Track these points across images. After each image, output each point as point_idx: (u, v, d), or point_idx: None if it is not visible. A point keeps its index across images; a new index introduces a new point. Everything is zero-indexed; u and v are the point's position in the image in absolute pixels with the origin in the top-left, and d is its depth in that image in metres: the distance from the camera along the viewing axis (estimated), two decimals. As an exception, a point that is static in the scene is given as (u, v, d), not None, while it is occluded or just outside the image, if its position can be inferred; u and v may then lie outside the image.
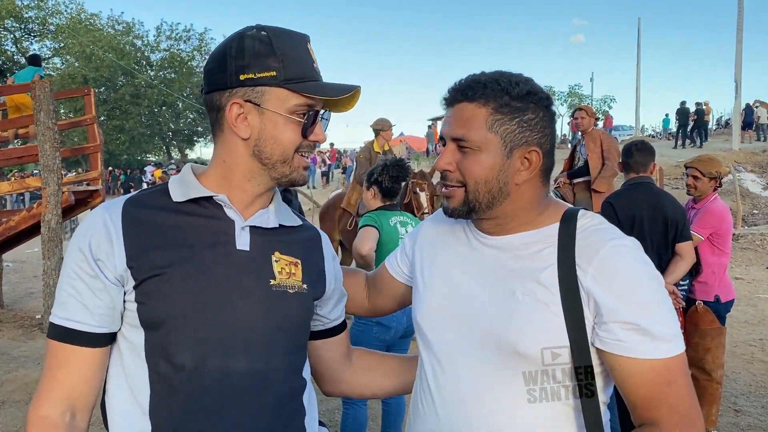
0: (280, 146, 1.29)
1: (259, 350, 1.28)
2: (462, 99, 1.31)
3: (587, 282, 1.21)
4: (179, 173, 1.39)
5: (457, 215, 1.34)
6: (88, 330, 1.23)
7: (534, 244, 1.32)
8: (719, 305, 4.24)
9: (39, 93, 7.18)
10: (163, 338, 1.23)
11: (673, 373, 1.19)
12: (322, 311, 1.51)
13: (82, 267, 1.24)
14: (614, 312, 1.19)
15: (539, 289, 1.25)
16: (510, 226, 1.35)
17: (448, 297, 1.39)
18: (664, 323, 1.19)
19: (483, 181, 1.29)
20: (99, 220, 1.26)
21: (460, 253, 1.43)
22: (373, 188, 3.71)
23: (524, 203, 1.34)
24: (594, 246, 1.24)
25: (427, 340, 1.42)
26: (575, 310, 1.22)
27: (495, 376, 1.28)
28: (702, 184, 4.36)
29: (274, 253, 1.35)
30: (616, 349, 1.20)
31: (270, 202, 1.41)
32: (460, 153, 1.31)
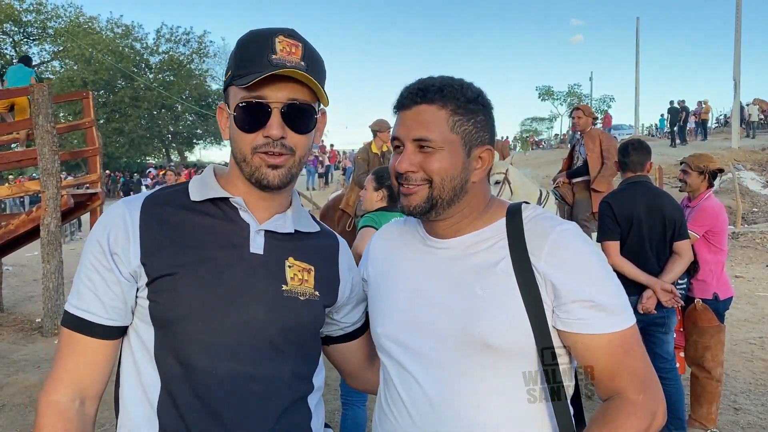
0: (237, 145, 1.30)
1: (266, 355, 1.28)
2: (421, 101, 1.33)
3: (541, 266, 1.28)
4: (201, 173, 1.41)
5: (418, 213, 1.35)
6: (99, 322, 1.25)
7: (485, 240, 1.37)
8: (718, 303, 4.23)
9: (37, 96, 7.18)
10: (172, 338, 1.24)
11: (630, 343, 1.28)
12: (337, 316, 1.52)
13: (98, 259, 1.26)
14: (571, 291, 1.26)
15: (497, 281, 1.30)
16: (461, 226, 1.39)
17: (409, 305, 1.40)
18: (616, 297, 1.29)
19: (449, 177, 1.33)
20: (119, 214, 1.29)
21: (415, 260, 1.45)
22: (382, 191, 3.67)
23: (477, 201, 1.40)
24: (542, 233, 1.31)
25: (391, 351, 1.41)
26: (533, 295, 1.27)
27: (470, 375, 1.30)
28: (692, 179, 4.37)
29: (288, 259, 1.35)
30: (576, 327, 1.26)
31: (288, 207, 1.42)
32: (421, 154, 1.32)
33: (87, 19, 42.42)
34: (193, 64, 46.42)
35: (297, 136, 1.29)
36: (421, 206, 1.34)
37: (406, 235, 1.52)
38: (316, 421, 1.41)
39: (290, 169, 1.31)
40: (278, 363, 1.30)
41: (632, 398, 1.23)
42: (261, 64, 1.23)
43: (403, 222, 1.58)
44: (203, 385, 1.23)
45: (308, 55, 1.28)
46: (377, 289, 1.51)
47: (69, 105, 32.94)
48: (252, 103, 1.25)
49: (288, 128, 1.27)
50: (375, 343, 1.49)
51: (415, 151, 1.33)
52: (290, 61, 1.24)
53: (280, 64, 1.23)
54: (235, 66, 1.28)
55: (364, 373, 1.63)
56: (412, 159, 1.33)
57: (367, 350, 1.61)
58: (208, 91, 47.39)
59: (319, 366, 1.45)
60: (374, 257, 1.57)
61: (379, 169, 3.84)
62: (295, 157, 1.31)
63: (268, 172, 1.28)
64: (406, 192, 1.35)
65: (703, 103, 29.14)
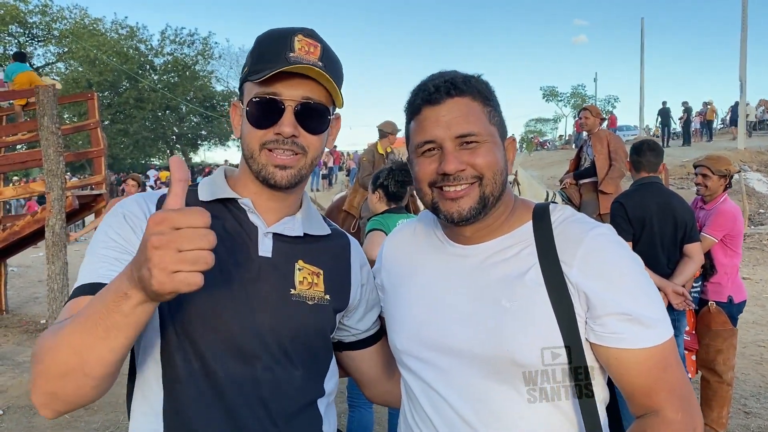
0: (245, 140, 1.28)
1: (274, 359, 1.25)
2: (455, 94, 1.24)
3: (574, 276, 1.19)
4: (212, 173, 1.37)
5: (471, 217, 1.24)
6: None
7: (511, 247, 1.28)
8: (732, 306, 4.21)
9: (42, 98, 7.17)
10: (178, 341, 1.21)
11: (667, 358, 1.18)
12: (348, 321, 1.47)
13: (118, 229, 1.21)
14: (607, 303, 1.17)
15: (525, 292, 1.21)
16: (490, 230, 1.31)
17: (430, 319, 1.32)
18: (654, 309, 1.19)
19: (499, 171, 1.25)
20: (135, 203, 1.27)
21: (435, 268, 1.37)
22: (378, 191, 3.69)
23: (508, 200, 1.32)
24: (574, 238, 1.22)
25: (413, 367, 1.34)
26: (565, 307, 1.19)
27: (503, 394, 1.23)
28: (712, 183, 4.31)
29: (297, 262, 1.32)
30: (612, 342, 1.18)
31: (298, 209, 1.38)
32: (465, 151, 1.23)
33: (92, 21, 42.42)
34: (198, 66, 46.42)
35: (310, 136, 1.26)
36: (475, 208, 1.24)
37: (421, 238, 1.44)
38: (327, 426, 1.37)
39: (300, 170, 1.27)
40: (287, 367, 1.26)
41: (671, 417, 1.15)
42: (278, 61, 1.20)
43: (415, 223, 1.50)
44: (210, 389, 1.20)
45: (326, 56, 1.26)
46: (394, 298, 1.43)
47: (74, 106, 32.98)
48: (265, 98, 1.23)
49: (301, 127, 1.24)
50: (395, 358, 1.43)
51: (456, 148, 1.23)
52: (307, 59, 1.22)
53: (296, 61, 1.20)
54: (252, 62, 1.26)
55: (382, 384, 1.57)
56: (458, 157, 1.23)
57: (383, 360, 1.56)
58: (212, 93, 47.40)
59: (331, 371, 1.40)
60: (389, 263, 1.49)
61: (375, 172, 3.87)
62: (306, 158, 1.27)
63: (276, 172, 1.25)
64: (454, 196, 1.24)
65: (708, 104, 29.06)
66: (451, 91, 1.24)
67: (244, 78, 1.29)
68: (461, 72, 1.31)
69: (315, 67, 1.20)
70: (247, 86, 1.28)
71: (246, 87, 1.28)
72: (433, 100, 1.25)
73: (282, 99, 1.22)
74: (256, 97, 1.23)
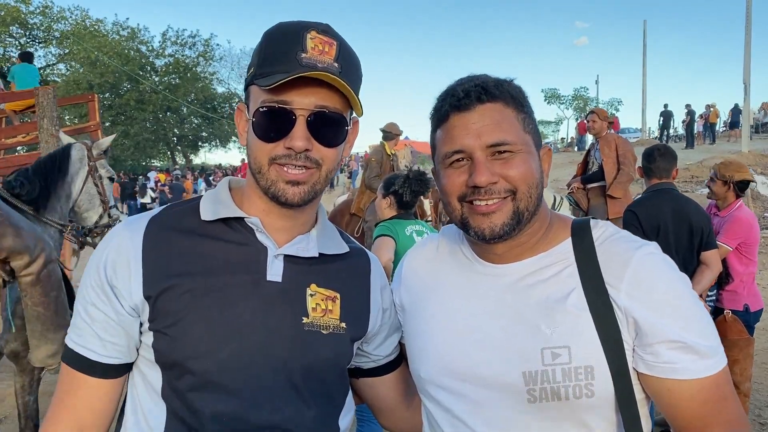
0: (253, 153, 1.15)
1: (286, 398, 1.13)
2: (486, 99, 1.14)
3: (622, 300, 1.10)
4: (215, 187, 1.26)
5: (505, 233, 1.14)
6: (99, 360, 1.13)
7: (550, 267, 1.18)
8: (748, 315, 4.12)
9: (42, 100, 7.09)
10: (180, 380, 1.10)
11: (722, 389, 1.09)
12: (368, 348, 1.35)
13: (96, 292, 1.13)
14: (659, 331, 1.07)
15: (567, 318, 1.11)
16: (525, 247, 1.20)
17: (459, 345, 1.20)
18: (709, 336, 1.09)
19: (534, 184, 1.15)
20: (119, 239, 1.15)
21: (463, 289, 1.25)
22: (390, 198, 3.60)
23: (543, 215, 1.22)
24: (621, 258, 1.12)
25: (440, 398, 1.23)
26: (612, 334, 1.09)
27: (538, 427, 1.13)
28: (716, 188, 4.26)
29: (309, 286, 1.19)
30: (665, 372, 1.08)
31: (312, 226, 1.26)
32: (498, 161, 1.13)
33: (93, 22, 42.43)
34: (199, 67, 46.39)
35: (324, 149, 1.13)
36: (508, 224, 1.13)
37: (446, 256, 1.33)
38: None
39: (314, 185, 1.15)
40: (299, 407, 1.14)
41: None
42: (288, 63, 1.07)
43: (438, 239, 1.39)
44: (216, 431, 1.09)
45: (343, 56, 1.12)
46: (417, 322, 1.31)
47: (75, 108, 32.91)
48: (275, 108, 1.09)
49: (314, 139, 1.11)
50: (417, 387, 1.31)
51: (489, 158, 1.13)
52: (322, 61, 1.08)
53: (310, 65, 1.07)
54: (259, 63, 1.12)
55: (400, 412, 1.45)
56: (490, 167, 1.12)
57: (403, 387, 1.43)
58: (213, 94, 47.38)
59: (347, 406, 1.28)
60: (410, 282, 1.37)
61: (388, 175, 3.81)
62: (321, 172, 1.14)
63: (287, 189, 1.12)
64: (485, 210, 1.13)
65: (711, 107, 29.02)
66: (482, 96, 1.14)
67: (250, 80, 1.15)
68: (492, 76, 1.20)
69: (330, 72, 1.07)
70: (253, 90, 1.14)
71: (252, 91, 1.15)
72: (462, 107, 1.15)
73: (293, 108, 1.09)
74: (264, 105, 1.10)
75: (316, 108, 1.10)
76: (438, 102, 1.21)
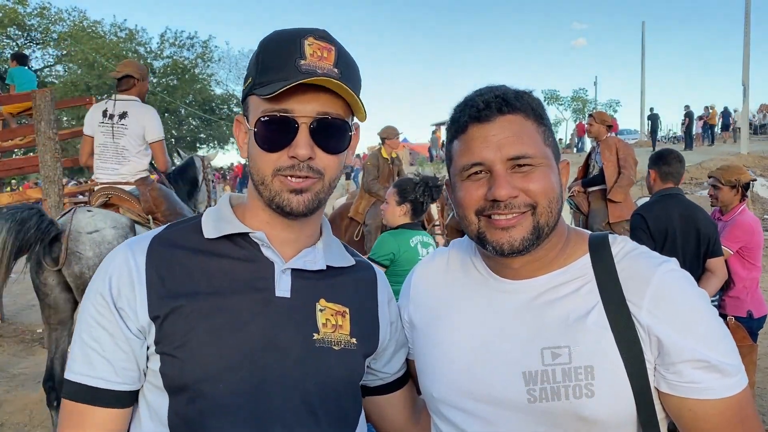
0: (256, 165, 1.12)
1: (299, 419, 1.09)
2: (507, 111, 1.11)
3: (644, 318, 1.07)
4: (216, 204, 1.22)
5: (524, 248, 1.11)
6: (110, 387, 1.07)
7: (568, 283, 1.15)
8: (752, 321, 4.09)
9: (39, 102, 7.04)
10: (188, 405, 1.05)
11: (745, 409, 1.08)
12: (376, 365, 1.32)
13: (102, 314, 1.08)
14: (682, 350, 1.04)
15: (588, 336, 1.08)
16: (541, 263, 1.17)
17: (473, 364, 1.17)
18: (732, 355, 1.08)
19: (555, 199, 1.12)
20: (122, 260, 1.11)
21: (477, 305, 1.21)
22: (406, 205, 3.52)
23: (561, 230, 1.19)
24: (642, 276, 1.09)
25: (453, 418, 1.19)
26: (634, 353, 1.06)
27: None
28: (723, 194, 4.22)
29: (319, 301, 1.16)
30: (688, 392, 1.06)
31: (318, 239, 1.23)
32: (518, 175, 1.10)
33: (91, 24, 42.35)
34: (197, 69, 46.36)
35: (327, 156, 1.10)
36: (528, 239, 1.10)
37: (457, 271, 1.29)
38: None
39: (317, 194, 1.12)
40: (312, 428, 1.10)
41: None
42: (288, 70, 1.04)
43: (449, 253, 1.34)
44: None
45: (342, 61, 1.09)
46: (429, 340, 1.26)
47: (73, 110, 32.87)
48: (276, 117, 1.06)
49: (317, 147, 1.08)
50: (429, 406, 1.27)
51: (509, 172, 1.10)
52: (322, 67, 1.06)
53: (310, 71, 1.04)
54: (257, 72, 1.09)
55: (409, 430, 1.40)
56: (510, 181, 1.09)
57: (410, 405, 1.40)
58: (212, 96, 47.32)
59: (360, 425, 1.24)
60: (419, 298, 1.33)
61: (401, 182, 3.69)
62: (323, 181, 1.12)
63: (291, 198, 1.09)
64: (504, 224, 1.10)
65: (710, 108, 29.07)
66: (502, 107, 1.11)
67: (249, 91, 1.12)
68: (512, 87, 1.17)
69: (331, 77, 1.04)
70: (252, 101, 1.11)
71: (251, 101, 1.12)
72: (482, 118, 1.12)
73: (295, 116, 1.06)
74: (265, 115, 1.07)
75: (318, 115, 1.08)
76: (456, 112, 1.18)
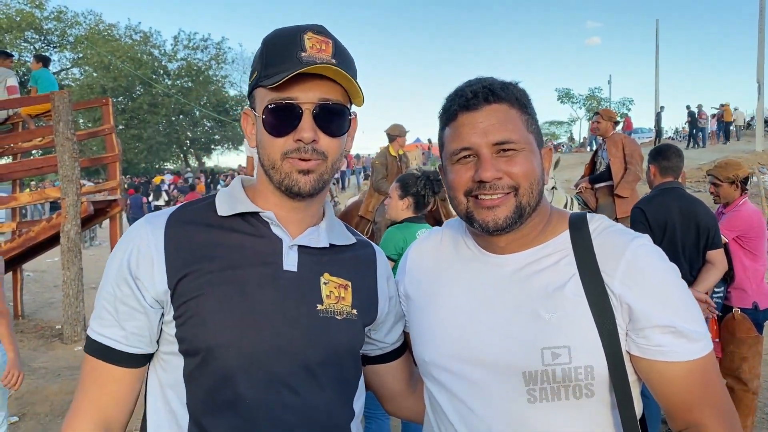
0: (265, 150, 1.22)
1: (303, 382, 1.20)
2: (493, 100, 1.21)
3: (617, 287, 1.17)
4: (229, 185, 1.33)
5: (507, 226, 1.21)
6: (121, 349, 1.19)
7: (549, 257, 1.25)
8: (757, 313, 4.12)
9: (58, 104, 7.21)
10: (201, 367, 1.16)
11: (709, 372, 1.16)
12: (376, 335, 1.42)
13: (119, 285, 1.19)
14: (650, 316, 1.14)
15: (565, 303, 1.18)
16: (525, 240, 1.27)
17: (462, 330, 1.27)
18: (697, 322, 1.16)
19: (535, 181, 1.22)
20: (141, 234, 1.21)
21: (467, 278, 1.32)
22: (409, 199, 3.59)
23: (544, 210, 1.29)
24: (616, 249, 1.20)
25: (442, 379, 1.29)
26: (607, 318, 1.16)
27: (539, 407, 1.19)
28: (723, 190, 4.28)
29: (323, 275, 1.27)
30: (655, 354, 1.15)
31: (321, 219, 1.34)
32: (502, 159, 1.20)
33: (106, 27, 42.86)
34: (211, 71, 46.73)
35: (329, 139, 1.21)
36: (511, 218, 1.20)
37: (450, 247, 1.40)
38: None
39: (322, 174, 1.22)
40: (315, 390, 1.21)
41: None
42: (290, 62, 1.15)
43: (442, 232, 1.46)
44: (236, 415, 1.15)
45: (338, 52, 1.20)
46: (421, 309, 1.37)
47: (88, 111, 33.29)
48: (281, 104, 1.17)
49: (320, 131, 1.19)
50: (421, 370, 1.38)
51: (494, 155, 1.20)
52: (320, 58, 1.16)
53: (310, 61, 1.14)
54: (262, 66, 1.20)
55: (404, 398, 1.52)
56: (495, 164, 1.20)
57: (407, 374, 1.51)
58: (225, 97, 47.74)
59: (360, 389, 1.35)
60: (414, 273, 1.44)
61: (403, 176, 3.75)
62: (327, 163, 1.22)
63: (299, 179, 1.20)
64: (490, 204, 1.20)
65: (723, 106, 28.85)
66: (489, 97, 1.21)
67: (255, 84, 1.23)
68: (498, 78, 1.28)
69: (330, 65, 1.15)
70: (258, 93, 1.22)
71: (258, 93, 1.23)
72: (470, 106, 1.22)
73: (299, 103, 1.17)
74: (271, 103, 1.18)
75: (320, 101, 1.18)
76: (447, 102, 1.28)
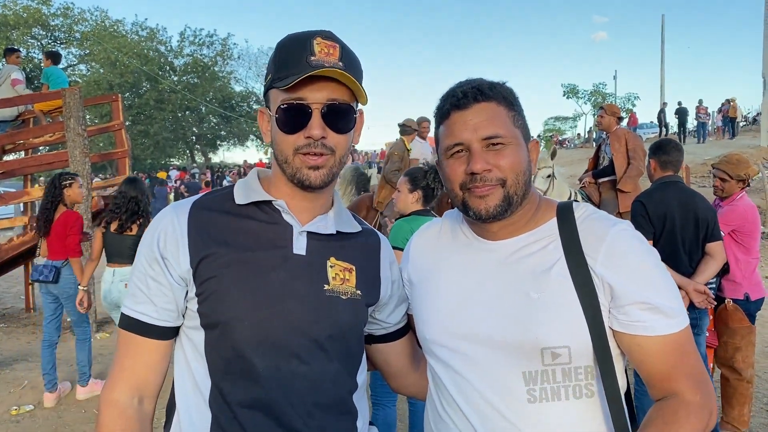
0: (279, 146, 1.34)
1: (313, 353, 1.32)
2: (482, 99, 1.33)
3: (599, 269, 1.28)
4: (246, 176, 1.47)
5: (497, 214, 1.32)
6: (152, 322, 1.32)
7: (537, 242, 1.36)
8: (749, 303, 4.21)
9: (69, 100, 7.32)
10: (220, 339, 1.29)
11: (684, 345, 1.28)
12: (380, 315, 1.54)
13: (150, 264, 1.32)
14: (630, 294, 1.25)
15: (552, 284, 1.29)
16: (517, 226, 1.38)
17: (458, 310, 1.39)
18: (673, 299, 1.28)
19: (522, 172, 1.33)
20: (168, 219, 1.35)
21: (462, 262, 1.44)
22: (418, 192, 3.65)
23: (533, 199, 1.40)
24: (598, 233, 1.31)
25: (442, 356, 1.41)
26: (590, 297, 1.27)
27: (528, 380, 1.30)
28: (729, 186, 4.34)
29: (329, 259, 1.39)
30: (635, 329, 1.26)
31: (330, 208, 1.46)
32: (491, 152, 1.32)
33: (112, 23, 42.86)
34: (217, 67, 46.73)
35: (337, 136, 1.32)
36: (500, 206, 1.32)
37: (448, 236, 1.52)
38: (361, 419, 1.44)
39: (331, 168, 1.34)
40: (323, 361, 1.33)
41: (689, 399, 1.23)
42: (300, 65, 1.27)
43: (441, 222, 1.58)
44: (252, 382, 1.28)
45: (345, 56, 1.32)
46: (422, 292, 1.50)
47: (95, 108, 33.40)
48: (293, 104, 1.29)
49: (328, 128, 1.31)
50: (423, 348, 1.50)
51: (484, 149, 1.32)
52: (328, 61, 1.28)
53: (318, 65, 1.26)
54: (275, 69, 1.32)
55: (408, 375, 1.65)
56: (485, 158, 1.31)
57: (410, 352, 1.63)
58: (231, 93, 47.70)
59: (362, 365, 1.48)
60: (416, 259, 1.57)
61: (412, 170, 3.79)
62: (335, 157, 1.34)
63: (309, 173, 1.32)
64: (481, 194, 1.32)
65: (730, 101, 28.74)
66: (477, 96, 1.33)
67: (269, 85, 1.34)
68: (487, 79, 1.40)
69: (336, 69, 1.26)
70: (272, 93, 1.34)
71: (272, 94, 1.34)
72: (461, 105, 1.34)
73: (308, 103, 1.29)
74: (284, 103, 1.29)
75: (328, 101, 1.30)
76: (440, 102, 1.41)
